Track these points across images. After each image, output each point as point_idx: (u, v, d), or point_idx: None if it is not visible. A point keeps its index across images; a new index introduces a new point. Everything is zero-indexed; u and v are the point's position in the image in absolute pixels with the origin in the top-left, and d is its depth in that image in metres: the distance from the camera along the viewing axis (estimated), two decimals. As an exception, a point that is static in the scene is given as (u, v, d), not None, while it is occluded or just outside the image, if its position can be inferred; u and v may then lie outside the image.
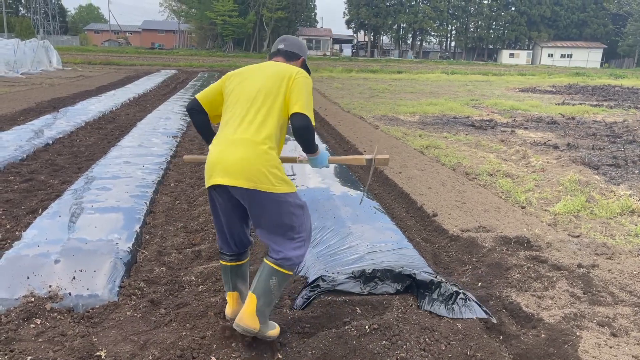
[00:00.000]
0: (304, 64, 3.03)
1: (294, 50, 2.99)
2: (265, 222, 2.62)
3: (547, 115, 14.04)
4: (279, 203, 2.57)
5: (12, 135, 7.93)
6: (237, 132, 2.59)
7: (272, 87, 2.67)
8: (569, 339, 2.95)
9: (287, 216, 2.61)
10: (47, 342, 2.77)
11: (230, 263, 2.93)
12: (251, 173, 2.50)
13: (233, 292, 2.99)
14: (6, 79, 18.86)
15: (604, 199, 5.83)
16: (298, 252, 2.67)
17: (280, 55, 2.97)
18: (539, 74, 38.97)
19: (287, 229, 2.63)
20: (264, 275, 2.64)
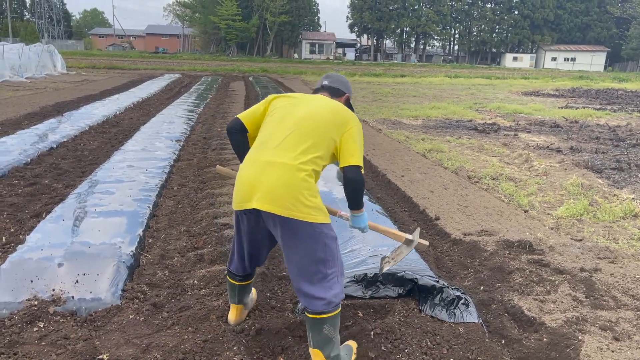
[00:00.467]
0: (347, 101, 2.96)
1: (339, 87, 2.93)
2: (298, 254, 2.47)
3: (550, 118, 14.03)
4: (315, 234, 2.44)
5: (17, 140, 7.97)
6: (276, 154, 2.48)
7: (325, 122, 2.56)
8: (571, 343, 2.94)
9: (321, 248, 2.46)
10: (50, 346, 2.79)
11: (239, 283, 2.93)
12: (288, 200, 2.39)
13: (238, 305, 3.03)
14: (11, 83, 18.96)
15: (607, 202, 5.83)
16: (335, 290, 2.50)
17: (324, 91, 2.91)
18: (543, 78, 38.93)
19: (320, 264, 2.47)
20: (316, 329, 2.52)
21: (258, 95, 17.86)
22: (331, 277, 2.51)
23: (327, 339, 2.51)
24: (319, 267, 2.47)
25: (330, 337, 2.52)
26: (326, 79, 2.98)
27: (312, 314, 2.50)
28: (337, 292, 2.52)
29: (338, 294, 2.52)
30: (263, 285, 3.69)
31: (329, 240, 2.49)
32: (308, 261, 2.47)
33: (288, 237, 2.46)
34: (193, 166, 7.16)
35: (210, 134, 9.71)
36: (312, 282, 2.48)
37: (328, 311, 2.48)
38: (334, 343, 2.55)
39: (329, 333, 2.51)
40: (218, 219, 4.85)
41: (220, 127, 10.60)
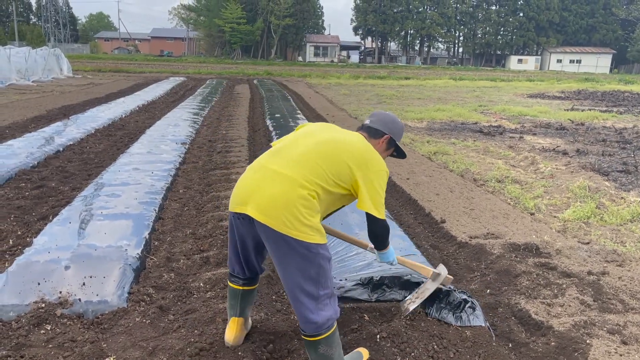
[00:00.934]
0: (390, 142, 2.78)
1: (378, 127, 2.76)
2: (291, 272, 2.39)
3: (555, 121, 13.98)
4: (310, 254, 2.35)
5: (24, 142, 8.00)
6: (286, 165, 2.42)
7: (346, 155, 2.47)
8: (579, 347, 2.93)
9: (315, 269, 2.38)
10: (57, 348, 2.79)
11: (242, 287, 2.79)
12: (285, 215, 2.30)
13: (239, 318, 2.84)
14: (18, 86, 19.07)
15: (614, 205, 5.79)
16: (326, 312, 2.42)
17: (363, 130, 2.79)
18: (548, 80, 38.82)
19: (312, 284, 2.39)
20: (312, 349, 2.49)
21: (263, 98, 17.90)
22: (323, 299, 2.42)
23: (324, 356, 2.48)
24: (311, 287, 2.39)
25: (328, 355, 2.47)
26: (369, 118, 2.83)
27: (305, 336, 2.47)
28: (329, 314, 2.44)
29: (331, 317, 2.44)
30: (269, 288, 3.69)
31: (323, 261, 2.40)
32: (300, 280, 2.38)
33: (281, 253, 2.38)
34: (198, 169, 7.17)
35: (216, 137, 9.72)
36: (304, 304, 2.40)
37: (320, 333, 2.43)
38: (334, 357, 2.50)
39: (325, 352, 2.46)
40: (224, 221, 4.85)
41: (225, 130, 10.62)
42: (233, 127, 11.02)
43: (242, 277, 2.78)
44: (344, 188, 2.49)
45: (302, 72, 38.19)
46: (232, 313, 2.84)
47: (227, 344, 2.82)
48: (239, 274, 2.79)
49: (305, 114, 14.01)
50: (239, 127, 10.90)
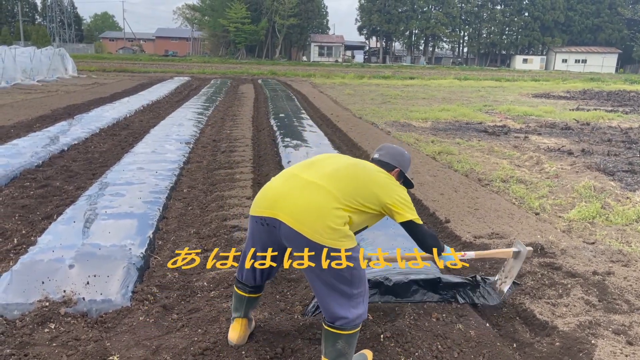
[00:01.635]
0: (400, 175, 2.87)
1: (388, 161, 2.84)
2: (323, 277, 2.41)
3: (561, 121, 13.93)
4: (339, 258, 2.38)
5: (29, 142, 8.03)
6: (322, 178, 2.46)
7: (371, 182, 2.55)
8: (584, 347, 2.91)
9: (347, 271, 2.40)
10: (61, 347, 2.80)
11: (249, 295, 2.81)
12: (318, 224, 2.32)
13: (243, 319, 2.86)
14: (23, 86, 19.15)
15: (619, 205, 5.76)
16: (359, 310, 2.46)
17: (375, 163, 2.83)
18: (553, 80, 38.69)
19: (346, 285, 2.42)
20: (330, 342, 2.49)
21: (267, 98, 17.90)
22: (356, 297, 2.46)
23: (340, 353, 2.48)
24: (344, 288, 2.42)
25: (343, 353, 2.48)
26: (377, 152, 2.90)
27: (329, 326, 2.47)
28: (361, 312, 2.48)
29: (361, 315, 2.48)
30: (272, 287, 3.68)
31: (355, 262, 2.42)
32: (333, 283, 2.40)
33: (312, 260, 2.37)
34: (202, 168, 7.18)
35: (220, 137, 9.73)
36: (336, 301, 2.43)
37: (346, 328, 2.44)
38: (347, 356, 2.51)
39: (342, 348, 2.47)
40: (227, 221, 4.85)
41: (229, 129, 10.62)
42: (237, 126, 11.03)
43: (251, 285, 2.78)
44: (370, 209, 2.54)
45: (306, 72, 38.20)
46: (236, 315, 2.84)
47: (231, 343, 2.82)
48: (247, 282, 2.78)
49: (310, 113, 14.01)
50: (243, 127, 10.91)
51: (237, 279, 2.82)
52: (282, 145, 8.69)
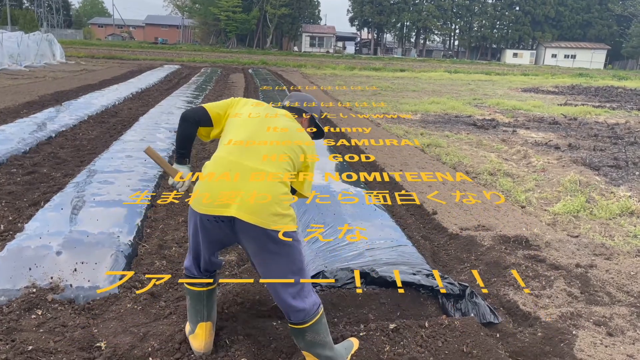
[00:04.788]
0: (311, 121, 2.85)
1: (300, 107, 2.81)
2: (279, 266, 2.40)
3: (549, 115, 14.04)
4: (294, 244, 2.40)
5: (16, 128, 7.95)
6: (262, 161, 2.40)
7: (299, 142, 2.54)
8: (565, 338, 2.97)
9: (298, 258, 2.44)
10: (48, 333, 2.80)
11: (205, 288, 2.65)
12: (272, 211, 2.31)
13: (207, 323, 2.67)
14: (10, 71, 18.89)
15: (603, 199, 5.85)
16: (311, 298, 2.48)
17: (289, 110, 2.79)
18: (542, 74, 38.91)
19: (297, 274, 2.43)
20: (299, 337, 2.51)
21: (257, 87, 17.83)
22: (306, 286, 2.47)
23: (313, 343, 2.50)
24: (297, 277, 2.42)
25: (316, 342, 2.50)
26: (287, 99, 2.87)
27: (293, 325, 2.48)
28: (314, 299, 2.49)
29: (315, 301, 2.49)
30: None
31: (301, 246, 2.49)
32: (288, 273, 2.40)
33: (270, 249, 2.36)
34: (192, 157, 7.15)
35: (209, 126, 9.68)
36: (290, 294, 2.41)
37: (308, 320, 2.45)
38: (323, 345, 2.53)
39: (312, 339, 2.48)
40: (216, 210, 4.85)
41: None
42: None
43: (204, 277, 2.65)
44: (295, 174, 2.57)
45: (297, 62, 38.06)
46: (198, 319, 2.66)
47: (198, 354, 2.66)
48: (200, 275, 2.64)
49: (300, 104, 13.97)
50: (233, 116, 10.86)
51: (187, 276, 2.65)
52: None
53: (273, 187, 2.35)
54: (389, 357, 2.75)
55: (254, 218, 2.29)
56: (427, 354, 2.80)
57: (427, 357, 2.78)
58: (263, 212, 2.30)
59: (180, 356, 2.63)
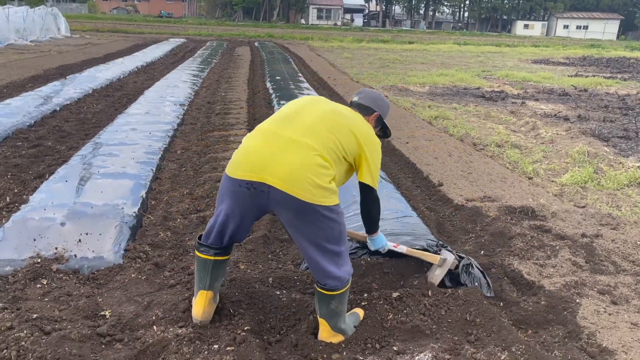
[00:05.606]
0: (379, 120, 2.80)
1: (368, 104, 2.77)
2: (315, 236, 2.39)
3: (559, 87, 13.83)
4: (332, 216, 2.38)
5: (21, 102, 7.94)
6: (303, 133, 2.38)
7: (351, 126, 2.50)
8: (568, 306, 2.96)
9: (337, 228, 2.43)
10: (53, 302, 2.83)
11: (215, 257, 2.59)
12: (309, 183, 2.28)
13: (208, 291, 2.61)
14: (16, 46, 18.80)
15: (612, 170, 5.78)
16: (346, 266, 2.50)
17: (353, 107, 2.77)
18: (553, 46, 38.23)
19: (335, 243, 2.44)
20: (324, 303, 2.52)
21: (263, 60, 17.67)
22: (344, 254, 2.50)
23: (334, 312, 2.53)
24: (334, 246, 2.44)
25: (337, 311, 2.53)
26: (357, 95, 2.84)
27: (322, 289, 2.49)
28: (348, 268, 2.52)
29: (349, 270, 2.52)
30: (265, 247, 3.72)
31: (342, 218, 2.46)
32: (324, 241, 2.41)
33: (304, 222, 2.36)
34: (197, 130, 7.14)
35: (215, 99, 9.64)
36: (327, 260, 2.44)
37: (338, 288, 2.47)
38: (341, 315, 2.56)
39: (335, 308, 2.52)
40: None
41: (224, 92, 10.52)
42: (232, 89, 10.91)
43: (216, 246, 2.57)
44: (348, 162, 2.53)
45: (304, 35, 37.58)
46: (200, 286, 2.62)
47: (195, 321, 2.62)
48: (213, 244, 2.57)
49: (307, 77, 13.86)
50: (238, 89, 10.80)
51: (200, 242, 2.60)
52: (278, 107, 8.62)
53: (310, 159, 2.31)
54: (392, 325, 2.76)
55: (289, 187, 2.27)
56: (430, 322, 2.81)
57: (430, 325, 2.79)
58: (299, 183, 2.27)
59: (184, 324, 2.65)
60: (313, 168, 2.30)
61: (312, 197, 2.29)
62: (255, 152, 2.37)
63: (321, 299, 2.53)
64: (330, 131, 2.43)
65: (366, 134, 2.56)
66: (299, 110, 2.53)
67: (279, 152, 2.32)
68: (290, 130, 2.40)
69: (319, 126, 2.43)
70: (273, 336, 2.69)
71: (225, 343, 2.53)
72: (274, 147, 2.35)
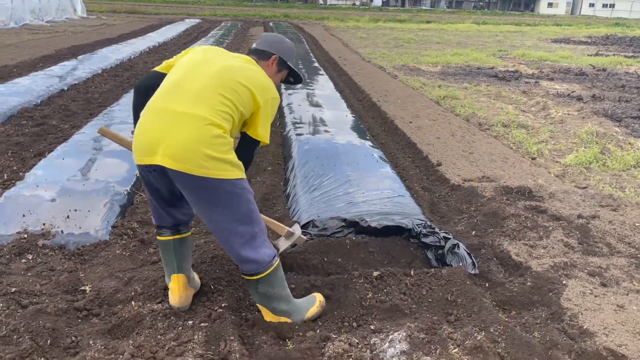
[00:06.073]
0: (279, 63, 2.60)
1: (265, 48, 2.58)
2: (221, 215, 2.27)
3: (576, 66, 13.48)
4: (237, 191, 2.24)
5: (29, 81, 8.01)
6: (191, 104, 2.20)
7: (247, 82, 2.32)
8: (554, 288, 2.90)
9: (245, 206, 2.28)
10: (35, 276, 2.86)
11: (172, 237, 2.54)
12: (201, 157, 2.13)
13: (178, 275, 2.57)
14: (31, 26, 18.95)
15: (619, 150, 5.62)
16: (264, 249, 2.37)
17: (252, 54, 2.59)
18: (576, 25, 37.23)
19: (246, 223, 2.30)
20: (251, 288, 2.46)
21: (276, 40, 17.53)
22: (259, 236, 2.36)
23: (266, 296, 2.44)
24: (246, 227, 2.30)
25: (270, 295, 2.43)
26: (256, 43, 2.65)
27: (245, 275, 2.41)
28: (267, 250, 2.39)
29: (268, 253, 2.38)
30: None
31: (250, 195, 2.32)
32: (233, 221, 2.28)
33: (205, 199, 2.24)
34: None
35: (222, 79, 9.60)
36: (241, 244, 2.31)
37: (260, 271, 2.37)
38: (278, 299, 2.47)
39: (265, 291, 2.42)
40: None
41: (233, 71, 10.46)
42: (241, 69, 10.85)
43: (168, 225, 2.55)
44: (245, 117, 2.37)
45: (320, 15, 37.19)
46: (170, 271, 2.59)
47: (174, 308, 2.57)
48: (163, 224, 2.55)
49: (317, 56, 13.73)
50: (246, 69, 10.73)
51: (156, 225, 2.59)
52: (284, 87, 8.55)
53: (201, 131, 2.15)
54: (371, 304, 2.74)
55: (180, 165, 2.13)
56: (410, 302, 2.78)
57: (409, 305, 2.76)
58: (190, 158, 2.13)
59: (161, 300, 2.66)
60: (206, 140, 2.15)
61: (207, 170, 2.15)
62: (145, 133, 2.22)
63: (248, 285, 2.46)
64: (220, 93, 2.24)
65: (261, 84, 2.38)
66: (186, 75, 2.31)
67: (168, 130, 2.17)
68: (177, 102, 2.22)
69: (207, 91, 2.24)
70: (251, 313, 2.68)
71: (200, 319, 2.54)
72: (162, 124, 2.19)
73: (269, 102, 2.40)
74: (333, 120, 6.14)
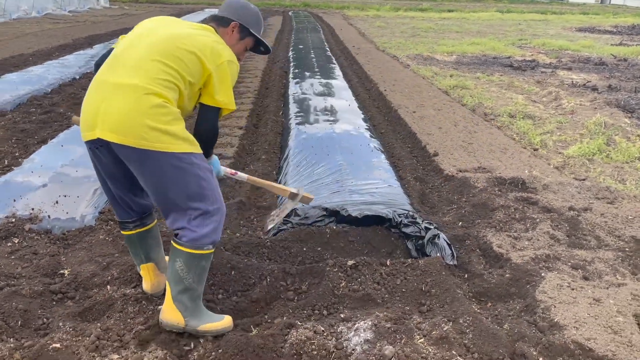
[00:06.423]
0: (242, 30, 2.46)
1: (225, 14, 2.44)
2: (166, 191, 2.15)
3: (597, 56, 13.13)
4: (182, 166, 2.12)
5: (42, 69, 8.18)
6: (129, 74, 2.11)
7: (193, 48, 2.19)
8: (532, 280, 2.86)
9: (195, 182, 2.16)
10: (18, 260, 2.94)
11: (134, 231, 2.49)
12: (142, 128, 2.04)
13: (147, 264, 2.56)
14: (53, 16, 19.27)
15: (625, 142, 5.48)
16: (207, 228, 2.21)
17: (211, 21, 2.47)
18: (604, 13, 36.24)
19: (197, 200, 2.17)
20: (171, 259, 2.27)
21: (292, 29, 17.50)
22: (213, 214, 2.22)
23: (178, 277, 2.25)
24: (196, 203, 2.18)
25: (181, 277, 2.24)
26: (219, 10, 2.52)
27: (174, 242, 2.25)
28: (207, 232, 2.21)
29: (207, 235, 2.21)
30: (239, 213, 3.73)
31: (203, 172, 2.20)
32: (180, 198, 2.16)
33: (150, 173, 2.13)
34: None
35: (232, 68, 9.63)
36: (190, 219, 2.19)
37: (194, 246, 2.20)
38: (186, 287, 2.26)
39: (180, 271, 2.23)
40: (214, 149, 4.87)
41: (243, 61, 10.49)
42: (253, 57, 10.87)
43: (129, 219, 2.47)
44: (199, 87, 2.25)
45: (341, 4, 36.91)
46: (138, 262, 2.59)
47: (148, 294, 2.60)
48: (124, 219, 2.48)
49: (331, 45, 13.67)
50: (257, 58, 10.75)
51: (119, 221, 2.53)
52: (292, 76, 8.56)
53: (140, 101, 2.05)
54: (343, 293, 2.74)
55: (121, 137, 2.05)
56: (383, 291, 2.77)
57: (382, 294, 2.76)
58: (130, 129, 2.04)
59: (136, 285, 2.70)
60: (145, 110, 2.05)
61: (148, 143, 2.05)
62: (87, 107, 2.15)
63: (171, 254, 2.26)
64: (161, 61, 2.13)
65: (211, 49, 2.23)
66: (128, 46, 2.23)
67: (106, 102, 2.08)
68: (116, 73, 2.13)
69: (146, 61, 2.13)
70: (224, 300, 2.71)
71: (170, 304, 2.57)
72: (98, 97, 2.11)
73: (223, 66, 2.24)
74: (335, 110, 6.13)
